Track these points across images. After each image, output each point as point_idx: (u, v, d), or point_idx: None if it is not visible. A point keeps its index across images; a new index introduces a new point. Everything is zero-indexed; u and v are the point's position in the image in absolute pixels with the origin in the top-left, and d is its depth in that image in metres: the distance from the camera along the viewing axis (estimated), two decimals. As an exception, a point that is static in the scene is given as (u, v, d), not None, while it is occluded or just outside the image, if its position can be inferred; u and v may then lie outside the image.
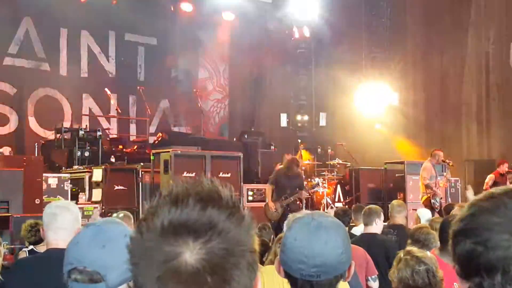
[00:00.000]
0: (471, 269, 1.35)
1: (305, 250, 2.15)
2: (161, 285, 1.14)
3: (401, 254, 3.94)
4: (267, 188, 12.56)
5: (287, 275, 2.22)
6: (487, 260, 1.32)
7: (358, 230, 7.97)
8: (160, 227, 1.17)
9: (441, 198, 13.41)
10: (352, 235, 7.21)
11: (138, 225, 1.21)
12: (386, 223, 8.10)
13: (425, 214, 9.31)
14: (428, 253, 3.99)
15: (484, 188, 14.50)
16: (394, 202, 8.47)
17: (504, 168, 14.83)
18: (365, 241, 6.75)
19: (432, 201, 13.20)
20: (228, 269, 1.16)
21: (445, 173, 14.30)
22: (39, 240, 6.74)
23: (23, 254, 6.84)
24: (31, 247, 6.85)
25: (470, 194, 12.61)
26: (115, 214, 7.85)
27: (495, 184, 14.39)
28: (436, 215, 11.94)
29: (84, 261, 2.13)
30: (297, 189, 12.35)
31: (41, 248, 6.54)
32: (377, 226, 7.07)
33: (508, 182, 14.74)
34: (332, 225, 2.25)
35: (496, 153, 18.02)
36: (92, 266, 2.11)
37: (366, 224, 7.12)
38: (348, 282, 2.38)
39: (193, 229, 1.16)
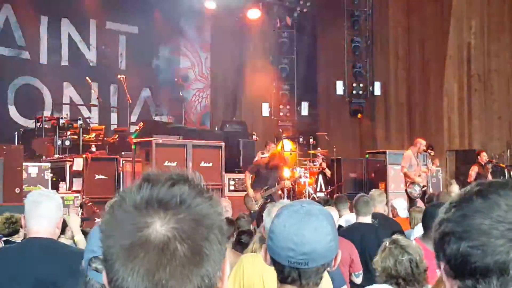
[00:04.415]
0: (464, 271, 1.33)
1: (294, 237, 2.13)
2: (131, 253, 1.17)
3: (386, 242, 3.94)
4: (246, 175, 12.49)
5: (274, 263, 2.19)
6: (485, 264, 1.30)
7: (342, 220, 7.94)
8: (132, 202, 1.21)
9: (423, 187, 13.39)
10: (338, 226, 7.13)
11: (112, 204, 1.25)
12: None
13: (400, 205, 9.31)
14: (414, 243, 3.99)
15: (468, 180, 14.56)
16: (375, 191, 8.44)
17: (483, 158, 14.86)
18: (362, 230, 6.63)
19: (408, 190, 13.17)
20: (198, 239, 1.19)
21: (426, 163, 14.36)
22: (13, 232, 6.73)
23: (-1, 244, 6.79)
24: (5, 238, 6.80)
25: (456, 189, 12.62)
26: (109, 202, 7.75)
27: (478, 175, 14.46)
28: (420, 203, 11.98)
29: None
30: (279, 179, 12.36)
31: (16, 240, 6.53)
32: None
33: (488, 172, 14.83)
34: (321, 212, 2.23)
35: (477, 143, 18.14)
36: None
37: (364, 214, 6.83)
38: (328, 272, 2.35)
39: (163, 202, 1.20)
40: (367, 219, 6.86)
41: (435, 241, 1.43)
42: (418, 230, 6.68)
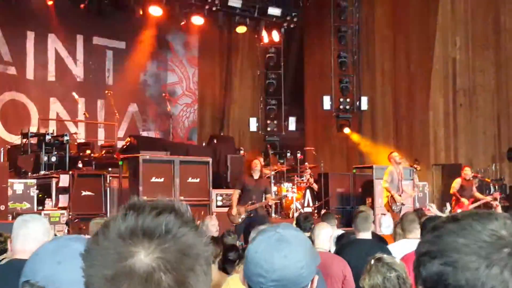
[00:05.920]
0: None
1: (264, 263, 2.13)
2: (114, 284, 1.15)
3: (371, 261, 3.95)
4: (234, 192, 12.21)
5: (249, 287, 2.20)
6: (456, 281, 1.30)
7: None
8: (116, 231, 1.19)
9: (402, 204, 13.33)
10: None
11: (96, 232, 1.23)
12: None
13: (384, 222, 9.30)
14: (398, 260, 4.01)
15: (451, 192, 14.61)
16: (361, 208, 8.44)
17: (468, 173, 14.79)
18: (364, 246, 6.42)
19: (393, 207, 13.09)
20: (182, 270, 1.18)
21: (412, 178, 14.40)
22: (1, 251, 6.66)
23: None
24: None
25: (434, 209, 12.71)
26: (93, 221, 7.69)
27: (461, 188, 14.50)
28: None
29: (37, 275, 1.98)
30: (264, 194, 12.16)
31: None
32: None
33: (474, 187, 14.86)
34: (295, 238, 2.21)
35: (463, 157, 18.23)
36: (44, 282, 1.95)
37: (364, 230, 6.70)
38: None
39: (148, 231, 1.18)
40: (368, 235, 6.77)
41: (414, 265, 1.43)
42: (399, 245, 6.68)
